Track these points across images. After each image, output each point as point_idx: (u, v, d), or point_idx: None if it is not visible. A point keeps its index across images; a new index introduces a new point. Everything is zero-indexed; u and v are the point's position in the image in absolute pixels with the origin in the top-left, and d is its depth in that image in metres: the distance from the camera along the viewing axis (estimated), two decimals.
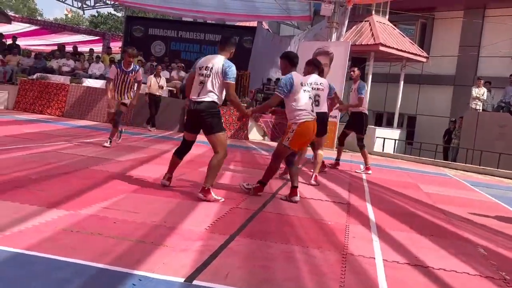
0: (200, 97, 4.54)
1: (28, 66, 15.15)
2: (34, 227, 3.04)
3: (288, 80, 4.90)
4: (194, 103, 4.56)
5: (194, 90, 4.61)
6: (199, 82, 4.59)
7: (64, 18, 44.20)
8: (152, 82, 12.11)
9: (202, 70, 4.62)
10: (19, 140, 7.21)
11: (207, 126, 4.56)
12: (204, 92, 4.54)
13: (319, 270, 2.87)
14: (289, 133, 4.94)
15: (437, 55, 17.31)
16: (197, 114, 4.54)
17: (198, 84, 4.59)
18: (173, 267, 2.61)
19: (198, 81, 4.60)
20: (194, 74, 4.69)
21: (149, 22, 20.86)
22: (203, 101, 4.52)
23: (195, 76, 4.66)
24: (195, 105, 4.55)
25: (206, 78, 4.56)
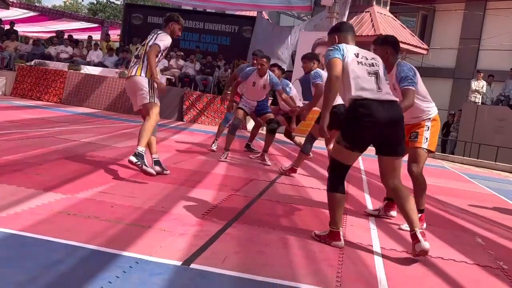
0: (387, 95, 3.15)
1: (26, 52, 15.08)
2: (30, 209, 3.01)
3: (411, 69, 3.80)
4: (381, 104, 3.06)
5: (366, 83, 3.12)
6: (367, 73, 3.18)
7: (62, 5, 43.88)
8: None
9: (363, 60, 3.25)
10: (17, 125, 7.17)
11: (400, 143, 3.18)
12: (386, 88, 3.22)
13: (316, 257, 2.86)
14: (425, 133, 3.88)
15: (437, 47, 17.27)
16: (391, 123, 3.06)
17: (367, 75, 3.17)
18: (171, 251, 2.59)
19: (365, 72, 3.18)
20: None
21: (148, 10, 20.73)
22: (394, 101, 3.16)
23: (349, 65, 3.16)
24: (384, 107, 3.05)
25: (377, 71, 3.24)
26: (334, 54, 3.16)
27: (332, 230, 3.14)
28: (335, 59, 3.14)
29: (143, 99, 4.59)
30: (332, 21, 13.01)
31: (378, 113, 3.00)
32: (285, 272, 2.53)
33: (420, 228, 3.01)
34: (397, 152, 3.17)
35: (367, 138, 3.08)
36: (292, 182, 5.40)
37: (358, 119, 3.02)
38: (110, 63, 14.70)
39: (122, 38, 19.60)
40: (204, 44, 18.73)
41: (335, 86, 3.11)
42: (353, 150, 3.11)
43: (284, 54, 18.43)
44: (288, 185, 5.18)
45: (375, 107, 3.02)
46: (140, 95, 4.61)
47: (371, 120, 2.99)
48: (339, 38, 3.40)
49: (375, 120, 2.99)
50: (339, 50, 3.19)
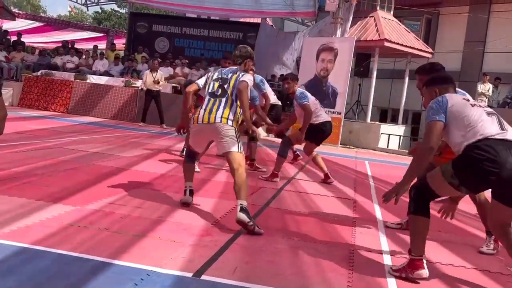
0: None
1: (33, 63, 15.19)
2: (41, 222, 3.03)
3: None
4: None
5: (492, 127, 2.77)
6: (487, 114, 2.84)
7: (67, 15, 44.24)
8: (147, 78, 12.04)
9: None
10: (25, 136, 7.22)
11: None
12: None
13: (326, 265, 2.86)
14: None
15: (442, 50, 17.23)
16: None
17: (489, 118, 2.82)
18: (181, 262, 2.60)
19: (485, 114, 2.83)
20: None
21: (153, 19, 20.84)
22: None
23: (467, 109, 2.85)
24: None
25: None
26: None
27: (413, 258, 2.85)
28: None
29: (231, 146, 3.76)
30: (336, 26, 13.03)
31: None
32: (296, 281, 2.53)
33: None
34: None
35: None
36: (298, 190, 5.40)
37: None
38: (115, 72, 14.77)
39: (128, 47, 19.72)
40: (209, 51, 18.81)
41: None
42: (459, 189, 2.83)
43: (289, 60, 18.45)
44: (295, 193, 5.18)
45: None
46: (226, 142, 3.77)
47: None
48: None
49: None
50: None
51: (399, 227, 4.11)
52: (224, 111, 3.78)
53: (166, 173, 5.48)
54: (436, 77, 3.21)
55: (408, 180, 2.97)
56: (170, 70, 14.76)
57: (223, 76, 3.97)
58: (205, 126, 3.82)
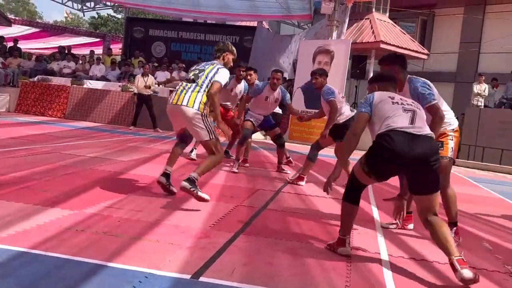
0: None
1: (29, 69, 15.19)
2: (39, 226, 3.03)
3: (429, 84, 3.78)
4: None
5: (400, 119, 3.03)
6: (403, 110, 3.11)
7: (64, 21, 44.25)
8: (139, 82, 12.05)
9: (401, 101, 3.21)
10: (22, 141, 7.22)
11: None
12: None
13: (324, 266, 2.87)
14: (449, 142, 3.83)
15: (438, 52, 17.30)
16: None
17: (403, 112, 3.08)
18: (179, 264, 2.61)
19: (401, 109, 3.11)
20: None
21: (149, 23, 20.90)
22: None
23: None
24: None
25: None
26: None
27: (340, 237, 3.15)
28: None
29: (202, 136, 4.18)
30: (332, 29, 13.08)
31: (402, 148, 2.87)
32: (294, 282, 2.54)
33: (458, 255, 2.72)
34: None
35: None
36: (297, 191, 5.41)
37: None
38: (112, 77, 14.79)
39: (124, 51, 19.74)
40: (205, 55, 18.84)
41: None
42: (370, 177, 3.11)
43: (285, 63, 18.51)
44: (293, 194, 5.19)
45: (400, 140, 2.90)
46: (195, 130, 4.20)
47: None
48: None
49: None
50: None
51: (395, 226, 4.12)
52: (191, 94, 4.17)
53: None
54: (377, 75, 3.61)
55: (338, 167, 3.44)
56: (167, 74, 14.79)
57: (201, 67, 4.40)
58: (174, 107, 4.22)
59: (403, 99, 3.22)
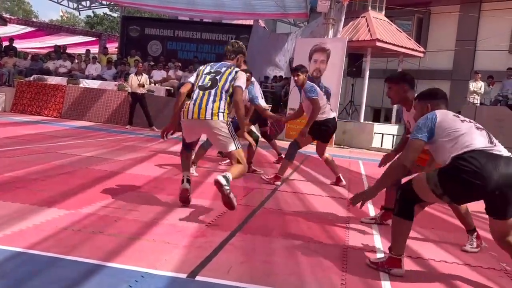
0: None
1: (25, 68, 15.13)
2: (35, 226, 3.04)
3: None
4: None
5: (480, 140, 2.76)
6: (475, 128, 2.89)
7: (59, 20, 44.12)
8: (132, 81, 12.02)
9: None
10: (18, 141, 7.20)
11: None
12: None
13: (320, 264, 2.88)
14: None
15: (434, 49, 17.34)
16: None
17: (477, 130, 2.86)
18: (175, 263, 2.61)
19: (475, 128, 2.88)
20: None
21: (145, 22, 20.85)
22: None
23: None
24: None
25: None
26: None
27: (392, 256, 2.86)
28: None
29: (229, 147, 3.83)
30: (328, 27, 13.08)
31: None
32: (290, 280, 2.55)
33: None
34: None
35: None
36: (293, 190, 5.42)
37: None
38: (108, 76, 14.75)
39: (120, 50, 19.69)
40: (202, 54, 18.83)
41: None
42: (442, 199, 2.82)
43: (282, 61, 18.50)
44: (289, 193, 5.20)
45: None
46: (221, 142, 3.85)
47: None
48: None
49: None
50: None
51: (373, 221, 4.16)
52: (214, 105, 3.76)
53: (160, 176, 5.48)
54: (429, 92, 3.20)
55: (377, 189, 3.02)
56: (163, 73, 14.77)
57: (216, 69, 3.96)
58: (195, 122, 3.81)
59: (466, 118, 2.94)
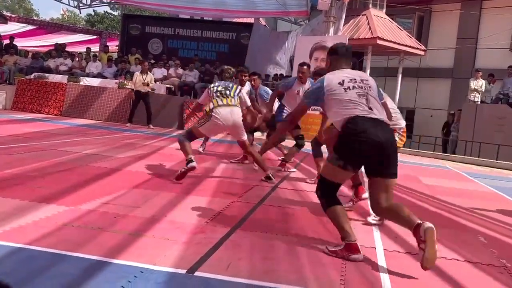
0: (379, 116, 3.05)
1: (26, 66, 15.14)
2: (34, 222, 3.03)
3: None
4: (376, 124, 2.98)
5: (355, 105, 3.04)
6: (359, 95, 3.09)
7: (60, 18, 44.11)
8: (137, 79, 12.04)
9: (352, 83, 3.15)
10: (18, 139, 7.20)
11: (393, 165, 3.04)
12: (378, 109, 3.11)
13: (320, 261, 2.88)
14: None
15: (435, 48, 17.31)
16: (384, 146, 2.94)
17: (358, 96, 3.08)
18: (175, 259, 2.61)
19: (357, 94, 3.09)
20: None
21: (146, 20, 20.84)
22: (387, 125, 3.10)
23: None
24: (379, 129, 2.96)
25: (366, 92, 3.14)
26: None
27: (348, 242, 2.96)
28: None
29: (243, 135, 5.50)
30: (329, 25, 13.07)
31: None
32: (289, 277, 2.55)
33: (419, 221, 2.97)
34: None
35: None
36: (294, 187, 5.42)
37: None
38: (109, 74, 14.76)
39: (121, 48, 19.70)
40: (202, 52, 18.82)
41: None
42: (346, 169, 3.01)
43: (282, 59, 18.50)
44: (290, 190, 5.20)
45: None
46: (240, 134, 5.46)
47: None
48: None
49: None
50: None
51: (351, 204, 4.51)
52: (238, 111, 5.42)
53: (160, 173, 5.48)
54: (333, 48, 3.43)
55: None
56: (163, 71, 14.77)
57: (226, 85, 5.54)
58: (228, 123, 5.29)
59: (351, 81, 3.17)
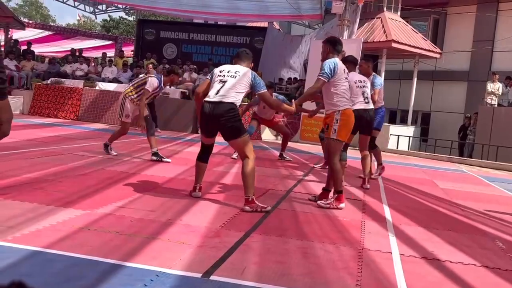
0: (217, 97, 4.10)
1: (42, 71, 15.37)
2: (52, 226, 3.07)
3: (332, 64, 4.50)
4: (210, 105, 4.10)
5: (212, 91, 4.18)
6: (218, 82, 4.18)
7: (76, 24, 44.66)
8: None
9: (223, 73, 4.24)
10: (35, 143, 7.30)
11: (230, 131, 4.13)
12: (223, 91, 4.12)
13: (335, 265, 2.86)
14: (333, 125, 4.51)
15: (451, 50, 17.15)
16: (216, 119, 4.08)
17: (217, 84, 4.18)
18: (190, 263, 2.62)
19: (217, 81, 4.20)
20: (208, 81, 4.33)
21: (161, 25, 21.04)
22: (222, 102, 4.08)
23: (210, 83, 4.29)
24: (211, 107, 4.09)
25: (229, 79, 4.17)
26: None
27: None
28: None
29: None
30: (343, 28, 13.03)
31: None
32: (305, 281, 2.54)
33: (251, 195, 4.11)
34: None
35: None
36: (308, 191, 5.40)
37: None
38: (124, 78, 14.89)
39: (136, 53, 19.87)
40: (216, 56, 18.91)
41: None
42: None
43: (296, 63, 18.48)
44: (304, 194, 5.19)
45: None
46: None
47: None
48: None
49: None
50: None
51: (314, 198, 4.76)
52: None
53: (175, 177, 5.51)
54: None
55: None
56: None
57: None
58: None
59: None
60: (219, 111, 4.06)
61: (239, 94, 4.16)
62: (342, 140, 4.58)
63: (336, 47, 4.67)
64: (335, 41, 4.72)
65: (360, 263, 2.94)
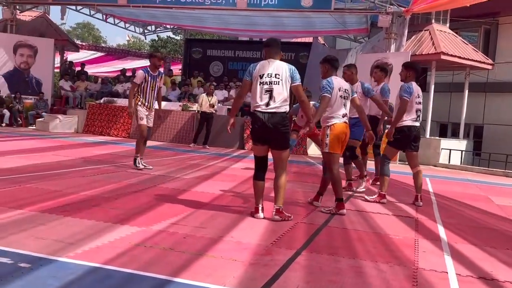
0: (270, 109, 4.22)
1: (95, 91, 15.99)
2: (110, 243, 3.19)
3: (330, 82, 4.90)
4: (264, 115, 4.21)
5: (258, 98, 4.26)
6: (264, 91, 4.24)
7: (126, 44, 46.25)
8: (203, 101, 12.41)
9: (265, 79, 4.27)
10: (90, 161, 7.60)
11: (284, 140, 4.34)
12: (275, 103, 4.23)
13: (389, 285, 2.82)
14: (325, 139, 4.92)
15: (503, 61, 16.56)
16: (273, 126, 4.20)
17: (264, 93, 4.24)
18: (243, 281, 2.65)
19: (264, 90, 4.25)
20: (249, 82, 4.36)
21: (207, 44, 21.44)
22: (276, 113, 4.22)
23: (252, 84, 4.34)
24: (266, 116, 4.21)
25: (274, 87, 4.25)
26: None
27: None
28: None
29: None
30: (390, 42, 12.90)
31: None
32: None
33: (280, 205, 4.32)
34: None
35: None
36: (357, 208, 5.34)
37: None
38: (173, 97, 15.27)
39: (184, 72, 20.34)
40: None
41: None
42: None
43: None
44: (353, 211, 5.13)
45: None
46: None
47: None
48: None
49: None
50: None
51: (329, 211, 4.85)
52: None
53: (225, 193, 5.59)
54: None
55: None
56: (225, 93, 15.09)
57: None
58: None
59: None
60: (276, 119, 4.22)
61: (287, 101, 4.33)
62: (335, 153, 4.95)
63: (333, 64, 5.05)
64: (332, 59, 5.07)
65: (415, 283, 2.88)
